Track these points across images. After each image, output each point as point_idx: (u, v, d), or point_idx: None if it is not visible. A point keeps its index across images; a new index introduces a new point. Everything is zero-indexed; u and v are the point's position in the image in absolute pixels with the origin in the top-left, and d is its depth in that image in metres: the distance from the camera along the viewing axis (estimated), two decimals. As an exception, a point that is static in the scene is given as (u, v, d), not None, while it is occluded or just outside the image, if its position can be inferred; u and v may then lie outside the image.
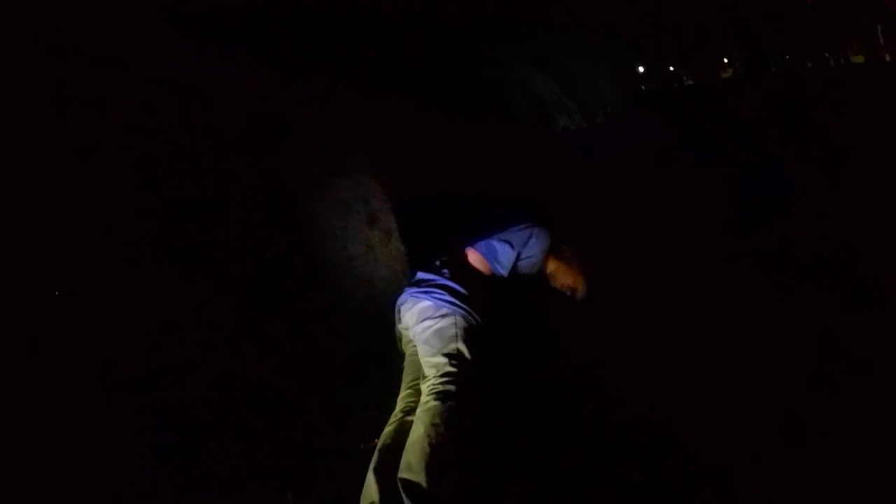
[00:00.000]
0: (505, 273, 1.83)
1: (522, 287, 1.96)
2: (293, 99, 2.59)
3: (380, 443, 1.42)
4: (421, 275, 1.76)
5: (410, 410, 1.46)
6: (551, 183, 3.01)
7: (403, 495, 1.25)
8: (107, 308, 1.93)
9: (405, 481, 1.26)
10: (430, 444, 1.30)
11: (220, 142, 2.47)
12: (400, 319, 1.74)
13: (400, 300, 1.76)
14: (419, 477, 1.25)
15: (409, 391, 1.56)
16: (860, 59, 12.58)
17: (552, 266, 1.95)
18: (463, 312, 1.61)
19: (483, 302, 1.68)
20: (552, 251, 1.93)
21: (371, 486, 1.30)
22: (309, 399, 1.78)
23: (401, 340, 1.77)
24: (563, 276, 1.96)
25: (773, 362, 1.98)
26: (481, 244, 1.85)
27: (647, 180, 3.97)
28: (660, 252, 3.01)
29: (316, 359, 1.95)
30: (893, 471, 1.44)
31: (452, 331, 1.55)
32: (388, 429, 1.46)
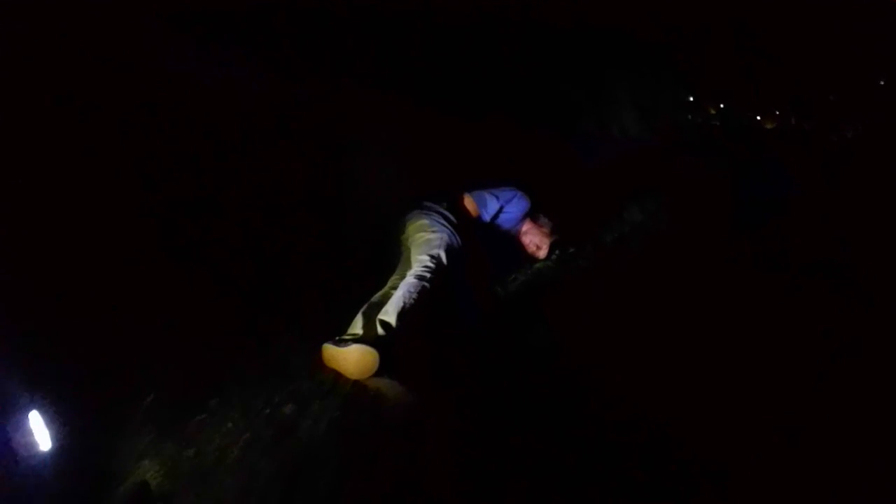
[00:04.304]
0: (487, 219, 2.43)
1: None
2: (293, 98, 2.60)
3: (370, 300, 2.02)
4: (426, 203, 2.35)
5: (396, 286, 2.03)
6: (552, 180, 3.01)
7: (379, 327, 1.87)
8: (106, 308, 1.93)
9: (381, 320, 1.89)
10: (404, 301, 1.92)
11: (220, 142, 2.47)
12: (404, 230, 2.29)
13: (408, 216, 2.34)
14: (392, 318, 1.88)
15: (398, 276, 2.13)
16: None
17: (526, 226, 2.52)
18: (449, 232, 2.22)
19: (465, 232, 2.29)
20: (530, 215, 2.50)
21: (357, 322, 1.91)
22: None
23: (400, 247, 2.31)
24: (532, 235, 2.51)
25: (773, 362, 1.98)
26: (475, 193, 2.46)
27: (647, 180, 3.97)
28: (660, 251, 3.01)
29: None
30: (893, 471, 1.44)
31: (438, 242, 2.15)
32: (377, 293, 2.06)
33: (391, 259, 2.30)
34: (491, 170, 2.83)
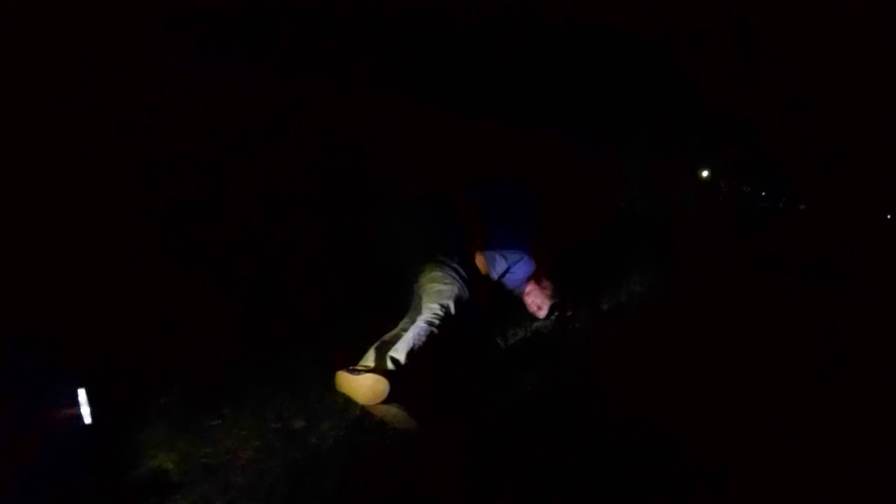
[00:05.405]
0: (495, 277, 2.60)
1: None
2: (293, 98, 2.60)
3: (382, 338, 2.18)
4: (440, 256, 2.49)
5: (406, 329, 2.22)
6: (553, 180, 3.01)
7: (389, 363, 2.05)
8: (107, 307, 1.93)
9: (392, 357, 2.07)
10: (413, 342, 2.12)
11: (220, 142, 2.47)
12: (417, 279, 2.44)
13: (422, 265, 2.46)
14: (401, 356, 2.07)
15: (408, 319, 2.30)
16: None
17: (530, 287, 2.67)
18: (460, 285, 2.38)
19: (474, 286, 2.46)
20: (534, 278, 2.65)
21: (370, 355, 2.09)
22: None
23: (412, 292, 2.48)
24: (534, 296, 2.68)
25: (773, 362, 1.98)
26: (487, 252, 2.60)
27: (648, 181, 3.97)
28: (660, 252, 3.01)
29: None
30: (893, 471, 1.44)
31: (448, 293, 2.33)
32: (388, 333, 2.22)
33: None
34: (491, 170, 2.83)
